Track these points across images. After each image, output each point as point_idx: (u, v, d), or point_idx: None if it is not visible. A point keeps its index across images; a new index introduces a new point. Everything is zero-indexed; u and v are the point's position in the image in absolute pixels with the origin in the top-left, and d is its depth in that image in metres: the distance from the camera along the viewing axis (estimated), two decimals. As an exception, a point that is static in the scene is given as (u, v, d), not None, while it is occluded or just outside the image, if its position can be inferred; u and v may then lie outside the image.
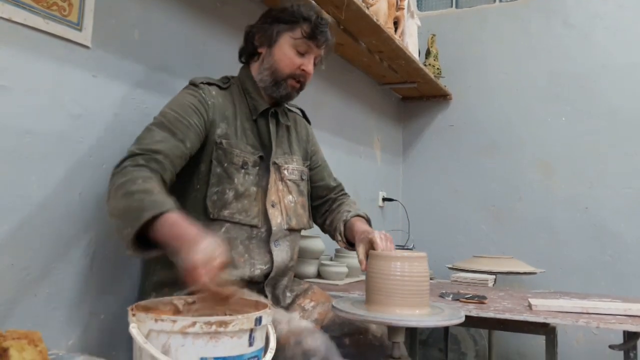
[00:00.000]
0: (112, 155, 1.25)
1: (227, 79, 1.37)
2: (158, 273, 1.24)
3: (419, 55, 2.75)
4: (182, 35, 1.48)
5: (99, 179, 1.22)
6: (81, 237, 1.18)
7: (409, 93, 3.15)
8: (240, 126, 1.31)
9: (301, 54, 1.33)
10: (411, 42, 2.58)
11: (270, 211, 1.31)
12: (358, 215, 1.43)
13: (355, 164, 2.63)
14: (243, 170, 1.27)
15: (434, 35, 3.03)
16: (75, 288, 1.17)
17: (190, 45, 1.51)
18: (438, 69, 2.97)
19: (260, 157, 1.32)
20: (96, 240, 1.21)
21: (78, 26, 1.16)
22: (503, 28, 3.04)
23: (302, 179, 1.44)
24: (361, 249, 1.25)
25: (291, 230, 1.36)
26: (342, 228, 1.42)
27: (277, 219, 1.32)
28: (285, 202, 1.35)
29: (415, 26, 2.67)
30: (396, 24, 2.44)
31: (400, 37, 2.43)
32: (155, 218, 0.95)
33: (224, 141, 1.26)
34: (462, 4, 3.22)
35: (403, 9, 2.47)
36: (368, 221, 1.45)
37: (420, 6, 3.31)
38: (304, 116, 1.57)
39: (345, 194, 1.58)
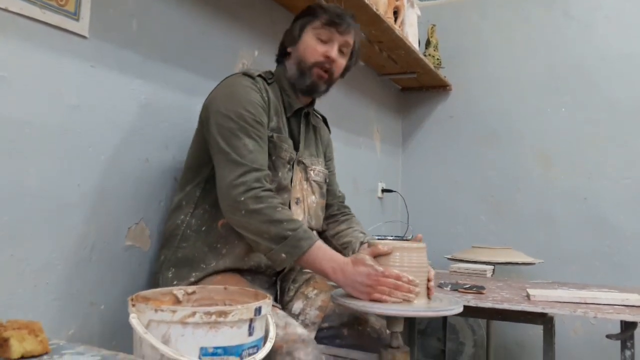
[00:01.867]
0: (110, 146, 1.25)
1: (271, 74, 1.39)
2: (182, 250, 1.26)
3: (419, 46, 2.74)
4: (181, 25, 1.47)
5: (98, 170, 1.22)
6: (80, 228, 1.18)
7: (408, 84, 3.13)
8: (284, 121, 1.36)
9: (324, 42, 1.35)
10: (411, 32, 2.57)
11: (294, 208, 1.34)
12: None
13: (354, 155, 2.63)
14: (288, 166, 1.32)
15: (434, 25, 3.01)
16: (75, 279, 1.17)
17: (189, 35, 1.50)
18: (438, 59, 2.96)
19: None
20: (95, 231, 1.22)
21: (75, 16, 1.15)
22: (503, 18, 3.03)
23: (325, 182, 1.47)
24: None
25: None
26: (357, 248, 1.40)
27: (299, 216, 1.34)
28: (309, 202, 1.38)
29: (415, 16, 2.66)
30: (396, 13, 2.42)
31: (400, 27, 2.42)
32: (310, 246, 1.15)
33: (275, 135, 1.29)
34: (462, -7, 3.20)
35: (403, -2, 2.45)
36: None
37: (420, -4, 3.29)
38: (325, 123, 1.60)
39: (348, 207, 1.60)
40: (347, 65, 1.43)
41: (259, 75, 1.32)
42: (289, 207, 1.32)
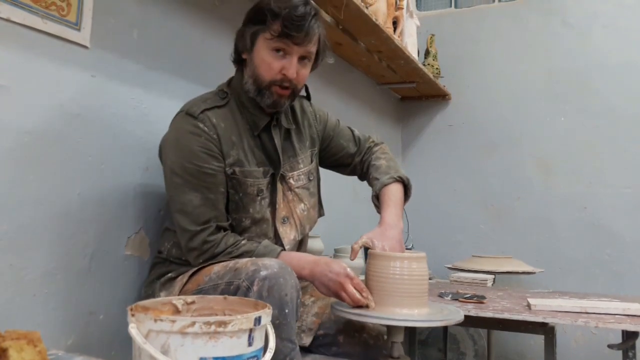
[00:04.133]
0: (110, 155, 1.25)
1: (224, 93, 1.26)
2: (167, 274, 1.25)
3: (418, 55, 2.75)
4: (181, 35, 1.48)
5: (98, 179, 1.22)
6: (80, 237, 1.18)
7: (408, 93, 3.15)
8: (248, 146, 1.25)
9: (280, 56, 1.18)
10: (410, 42, 2.58)
11: (281, 229, 1.29)
12: (385, 185, 1.34)
13: (354, 164, 2.63)
14: (259, 197, 1.25)
15: (433, 35, 3.03)
16: (74, 288, 1.17)
17: (189, 44, 1.51)
18: (437, 68, 2.97)
19: (272, 175, 1.28)
20: (95, 240, 1.21)
21: (77, 26, 1.16)
22: (502, 27, 3.05)
23: (310, 180, 1.37)
24: (360, 241, 1.22)
25: (303, 237, 1.37)
26: (377, 202, 1.36)
27: (290, 235, 1.30)
28: (298, 213, 1.33)
29: (415, 26, 2.67)
30: (395, 23, 2.44)
31: (399, 37, 2.43)
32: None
33: (236, 169, 1.21)
34: (461, 3, 3.22)
35: (402, 8, 2.47)
36: (404, 184, 1.36)
37: (419, 6, 3.31)
38: (308, 95, 1.42)
39: (370, 148, 1.47)
40: (314, 66, 1.28)
41: (204, 110, 1.19)
42: (276, 230, 1.28)
